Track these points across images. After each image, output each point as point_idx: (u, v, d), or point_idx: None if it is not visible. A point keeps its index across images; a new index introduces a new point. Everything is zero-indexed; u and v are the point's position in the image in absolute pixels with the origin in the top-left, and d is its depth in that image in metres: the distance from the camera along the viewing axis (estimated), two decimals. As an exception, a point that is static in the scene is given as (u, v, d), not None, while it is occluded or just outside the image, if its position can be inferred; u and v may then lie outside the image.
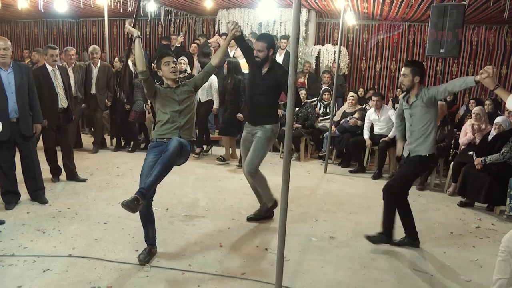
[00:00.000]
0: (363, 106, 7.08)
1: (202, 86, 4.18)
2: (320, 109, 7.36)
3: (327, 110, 7.19)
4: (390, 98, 8.69)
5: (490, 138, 5.00)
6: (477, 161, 4.79)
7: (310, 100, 7.39)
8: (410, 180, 3.66)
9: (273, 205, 4.10)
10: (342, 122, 6.69)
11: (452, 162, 5.50)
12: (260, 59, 3.81)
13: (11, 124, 3.98)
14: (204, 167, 6.10)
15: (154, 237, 3.28)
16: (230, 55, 7.60)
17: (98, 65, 6.59)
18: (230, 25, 3.68)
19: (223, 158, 6.35)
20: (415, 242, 3.69)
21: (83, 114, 7.11)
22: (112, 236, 3.63)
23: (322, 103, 7.37)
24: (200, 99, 6.57)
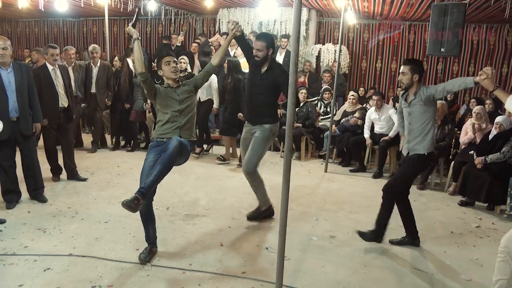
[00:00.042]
0: (364, 106, 7.08)
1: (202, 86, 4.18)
2: (320, 108, 7.36)
3: (328, 110, 7.19)
4: (390, 97, 8.67)
5: (490, 137, 5.00)
6: (477, 160, 4.79)
7: (311, 99, 7.39)
8: (410, 179, 3.66)
9: (267, 209, 4.07)
10: (342, 121, 6.69)
11: (452, 162, 5.50)
12: (259, 59, 3.80)
13: (12, 123, 3.98)
14: (204, 167, 6.11)
15: (154, 236, 3.28)
16: (230, 54, 7.60)
17: (98, 64, 6.59)
18: (231, 25, 3.68)
19: (223, 158, 6.35)
20: (416, 241, 3.70)
21: (84, 113, 7.13)
22: (112, 235, 3.63)
23: (322, 102, 7.37)
24: (199, 99, 6.57)
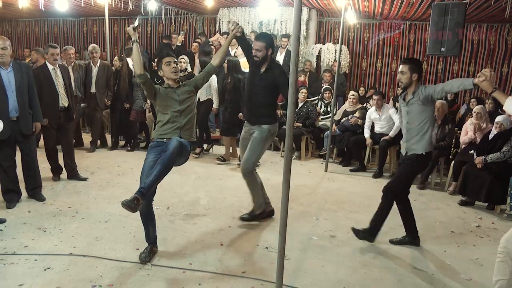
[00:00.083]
0: (364, 105, 7.08)
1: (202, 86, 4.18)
2: (321, 108, 7.36)
3: (328, 109, 7.19)
4: (391, 97, 8.66)
5: (491, 137, 5.00)
6: (477, 160, 4.79)
7: (311, 99, 7.39)
8: (409, 179, 3.67)
9: (260, 213, 4.04)
10: (343, 121, 6.69)
11: (452, 161, 5.50)
12: (258, 59, 3.79)
13: (12, 122, 3.99)
14: (205, 166, 6.11)
15: (154, 236, 3.28)
16: (231, 54, 7.60)
17: (98, 64, 6.59)
18: (231, 25, 3.68)
19: (223, 158, 6.35)
20: (416, 241, 3.70)
21: (84, 113, 7.13)
22: (113, 234, 3.64)
23: (323, 102, 7.37)
24: (199, 99, 6.56)
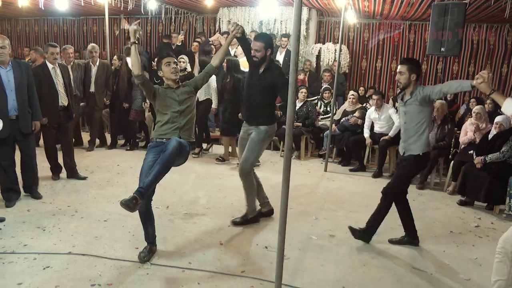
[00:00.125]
0: (364, 105, 7.08)
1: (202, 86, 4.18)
2: (320, 107, 7.36)
3: (328, 109, 7.19)
4: (390, 97, 8.67)
5: (490, 137, 5.01)
6: (477, 160, 4.79)
7: (311, 98, 7.39)
8: (407, 180, 3.69)
9: (254, 217, 4.02)
10: (342, 120, 6.69)
11: (452, 161, 5.50)
12: (257, 59, 3.78)
13: (11, 121, 3.99)
14: (204, 166, 6.11)
15: (154, 235, 3.28)
16: (230, 54, 7.60)
17: (97, 63, 6.59)
18: (231, 26, 3.67)
19: (223, 158, 6.35)
20: (415, 240, 3.70)
21: (84, 112, 7.13)
22: (112, 233, 3.64)
23: (322, 102, 7.37)
24: (198, 98, 6.56)
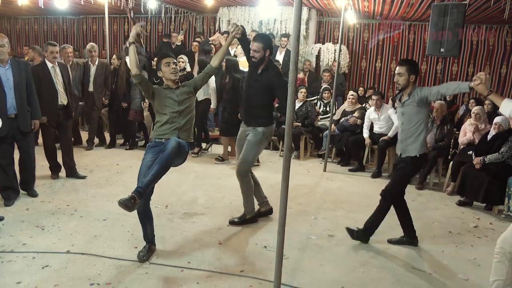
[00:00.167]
0: (363, 105, 7.08)
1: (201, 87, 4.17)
2: (320, 107, 7.36)
3: (327, 109, 7.19)
4: (390, 97, 8.66)
5: (489, 137, 5.01)
6: (476, 160, 4.79)
7: (310, 98, 7.39)
8: (406, 181, 3.69)
9: (252, 217, 4.02)
10: (342, 120, 6.70)
11: (451, 162, 5.51)
12: (256, 60, 3.79)
13: (10, 120, 3.99)
14: (203, 165, 6.11)
15: (152, 234, 3.29)
16: (230, 53, 7.59)
17: (96, 63, 6.59)
18: (231, 27, 3.67)
19: (222, 158, 6.35)
20: (414, 241, 3.71)
21: (83, 111, 7.12)
22: (111, 233, 3.64)
23: (322, 102, 7.38)
24: (197, 98, 6.53)
